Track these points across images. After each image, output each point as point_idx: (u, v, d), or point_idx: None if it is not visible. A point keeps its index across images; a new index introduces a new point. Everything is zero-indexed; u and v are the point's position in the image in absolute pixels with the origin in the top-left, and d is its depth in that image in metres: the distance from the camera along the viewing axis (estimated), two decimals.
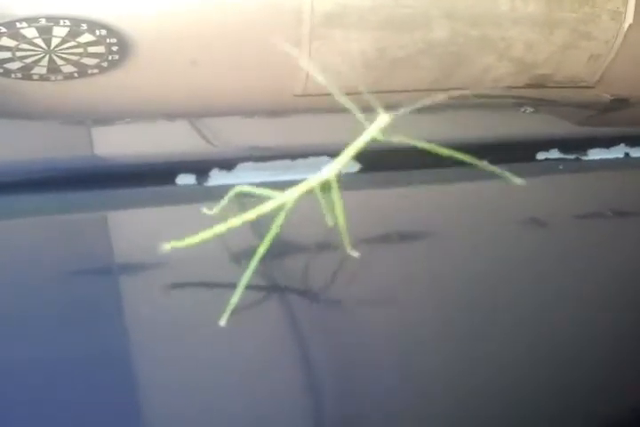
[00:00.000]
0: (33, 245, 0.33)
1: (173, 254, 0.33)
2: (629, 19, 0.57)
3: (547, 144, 0.42)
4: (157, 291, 0.32)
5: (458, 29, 0.54)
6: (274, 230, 0.31)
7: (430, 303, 0.34)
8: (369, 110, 0.49)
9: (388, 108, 0.48)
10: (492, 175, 0.38)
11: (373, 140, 0.31)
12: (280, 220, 0.31)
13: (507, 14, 0.55)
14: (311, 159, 0.38)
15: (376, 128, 0.31)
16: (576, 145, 0.42)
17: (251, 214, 0.32)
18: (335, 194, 0.32)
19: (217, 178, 0.37)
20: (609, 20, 0.58)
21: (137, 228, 0.36)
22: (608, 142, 0.44)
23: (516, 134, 0.39)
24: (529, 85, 0.53)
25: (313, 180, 0.31)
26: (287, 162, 0.38)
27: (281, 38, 0.32)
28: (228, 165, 0.37)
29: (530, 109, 0.50)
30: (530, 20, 0.56)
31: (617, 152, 0.45)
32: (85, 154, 0.39)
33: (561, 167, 0.43)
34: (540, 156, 0.44)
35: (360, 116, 0.31)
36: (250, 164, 0.37)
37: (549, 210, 0.41)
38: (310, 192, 0.32)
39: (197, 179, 0.37)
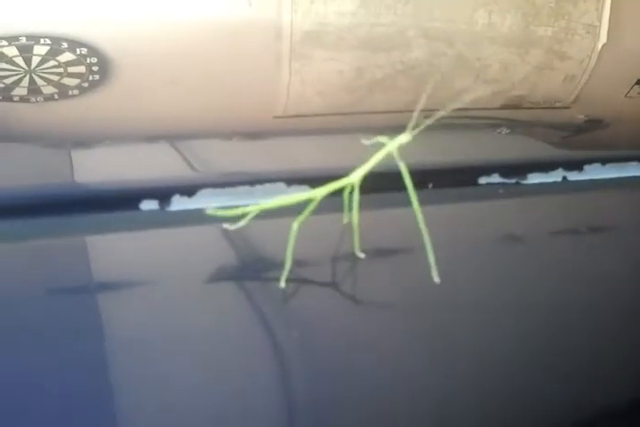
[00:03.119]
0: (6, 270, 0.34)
1: (149, 276, 0.34)
2: (603, 38, 0.58)
3: (488, 169, 0.43)
4: (134, 313, 0.33)
5: (435, 49, 0.55)
6: (295, 226, 0.33)
7: (411, 314, 0.35)
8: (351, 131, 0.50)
9: (370, 129, 0.49)
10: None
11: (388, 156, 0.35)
12: (304, 216, 0.34)
13: (483, 32, 0.56)
14: (267, 185, 0.39)
15: (395, 144, 0.34)
16: (516, 169, 0.44)
17: (278, 202, 0.36)
18: (355, 196, 0.35)
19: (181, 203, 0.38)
20: (584, 33, 0.59)
21: (111, 252, 0.37)
22: (547, 167, 0.46)
23: (458, 159, 0.41)
24: (505, 106, 0.54)
25: (340, 182, 0.35)
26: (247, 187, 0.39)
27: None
28: (189, 191, 0.38)
29: (506, 130, 0.51)
30: (505, 40, 0.56)
31: (555, 176, 0.46)
32: (64, 179, 0.39)
33: (500, 191, 0.44)
34: (482, 180, 0.45)
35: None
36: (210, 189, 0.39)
37: (490, 231, 0.42)
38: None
39: (160, 204, 0.38)
